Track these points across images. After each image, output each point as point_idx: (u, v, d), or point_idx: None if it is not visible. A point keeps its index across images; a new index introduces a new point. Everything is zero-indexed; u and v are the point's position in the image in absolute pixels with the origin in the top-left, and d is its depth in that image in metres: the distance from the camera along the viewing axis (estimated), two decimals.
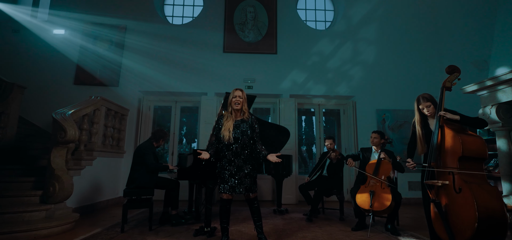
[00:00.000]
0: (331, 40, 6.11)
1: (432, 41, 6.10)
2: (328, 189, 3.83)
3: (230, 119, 2.55)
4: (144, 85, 5.65)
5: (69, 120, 3.37)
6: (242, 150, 2.51)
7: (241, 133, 2.51)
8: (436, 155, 2.22)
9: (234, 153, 2.49)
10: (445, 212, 2.09)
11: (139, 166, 3.27)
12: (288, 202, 5.20)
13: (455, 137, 2.15)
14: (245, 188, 2.46)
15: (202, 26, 5.99)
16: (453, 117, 2.23)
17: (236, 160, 2.49)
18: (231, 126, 2.51)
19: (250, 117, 2.61)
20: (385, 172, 3.16)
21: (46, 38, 5.72)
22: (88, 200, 4.08)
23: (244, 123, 2.55)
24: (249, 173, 2.49)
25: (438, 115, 2.26)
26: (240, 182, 2.46)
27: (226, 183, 2.46)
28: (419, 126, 2.44)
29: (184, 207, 4.29)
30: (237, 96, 2.54)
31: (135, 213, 3.97)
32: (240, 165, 2.49)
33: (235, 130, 2.51)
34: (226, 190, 2.45)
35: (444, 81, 2.43)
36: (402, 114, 5.75)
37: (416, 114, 2.48)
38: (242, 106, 2.55)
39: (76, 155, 4.01)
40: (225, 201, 2.50)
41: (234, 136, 2.48)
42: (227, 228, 2.54)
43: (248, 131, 2.54)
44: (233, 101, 2.54)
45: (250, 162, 2.53)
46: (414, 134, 2.58)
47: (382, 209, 2.94)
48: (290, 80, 5.89)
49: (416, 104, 2.48)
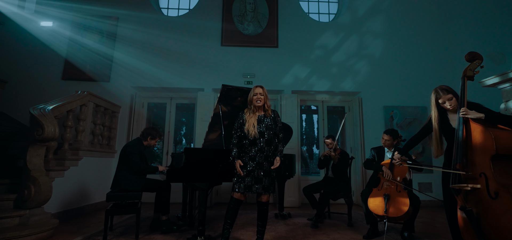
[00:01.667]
0: (336, 33, 5.77)
1: (443, 33, 5.76)
2: (335, 192, 3.49)
3: (252, 115, 2.47)
4: (137, 80, 5.31)
5: (49, 116, 3.03)
6: (267, 145, 2.42)
7: (266, 128, 2.44)
8: (462, 155, 1.88)
9: (260, 149, 2.40)
10: (478, 221, 1.75)
11: (124, 167, 2.93)
12: (291, 205, 4.86)
13: (485, 133, 1.81)
14: (263, 187, 2.36)
15: (199, 18, 5.66)
16: (477, 115, 1.88)
17: (259, 157, 2.39)
18: (255, 121, 2.44)
19: (274, 112, 2.56)
20: (401, 173, 2.82)
21: (32, 31, 5.38)
22: (72, 203, 3.74)
23: (268, 118, 2.49)
24: (269, 171, 2.40)
25: (459, 115, 1.93)
26: (258, 180, 2.35)
27: (241, 182, 2.34)
28: (437, 124, 2.09)
29: (178, 211, 3.96)
30: (258, 93, 2.47)
31: (124, 218, 3.63)
32: (261, 162, 2.39)
33: (259, 124, 2.44)
34: (241, 190, 2.33)
35: (465, 70, 2.08)
36: (412, 111, 5.41)
37: (434, 110, 2.13)
38: (264, 104, 2.49)
39: (60, 154, 3.68)
40: (235, 201, 2.37)
41: (259, 131, 2.41)
42: (229, 231, 2.40)
43: (273, 126, 2.48)
44: (255, 98, 2.47)
45: (271, 160, 2.43)
46: (426, 131, 2.25)
47: (398, 215, 2.60)
48: (292, 75, 5.55)
49: (433, 99, 2.13)
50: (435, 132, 2.08)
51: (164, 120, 5.59)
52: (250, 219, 3.69)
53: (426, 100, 5.43)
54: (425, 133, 2.25)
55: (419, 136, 2.29)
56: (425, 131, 2.24)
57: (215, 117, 3.04)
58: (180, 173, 2.57)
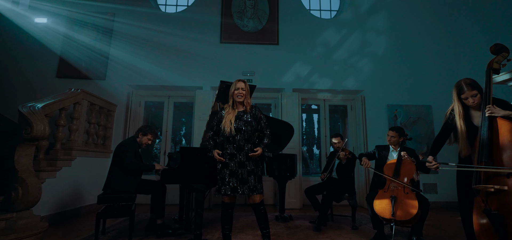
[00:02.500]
0: (338, 30, 5.63)
1: (448, 30, 5.61)
2: (339, 194, 3.34)
3: (231, 111, 2.36)
4: (133, 78, 5.17)
5: (38, 114, 2.88)
6: (245, 142, 2.28)
7: (244, 124, 2.30)
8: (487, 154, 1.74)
9: (237, 147, 2.26)
10: (503, 225, 1.61)
11: (118, 167, 2.78)
12: (292, 207, 4.72)
13: None
14: (249, 188, 2.21)
15: (198, 14, 5.51)
16: (505, 113, 1.75)
17: (239, 155, 2.26)
18: (233, 118, 2.32)
19: (254, 108, 2.42)
20: (408, 174, 2.68)
21: (27, 28, 5.24)
22: (65, 205, 3.59)
23: (247, 114, 2.36)
24: (252, 170, 2.25)
25: (485, 113, 1.79)
26: (243, 180, 2.22)
27: (226, 184, 2.22)
28: (462, 121, 1.95)
29: (175, 212, 3.82)
30: (239, 87, 2.36)
31: (118, 221, 3.49)
32: (243, 161, 2.25)
33: (237, 121, 2.31)
34: (227, 192, 2.20)
35: (490, 62, 1.95)
36: (416, 110, 5.26)
37: (457, 105, 1.98)
38: (244, 99, 2.37)
39: (51, 154, 3.54)
40: (227, 205, 2.27)
41: (236, 127, 2.28)
42: (229, 236, 2.31)
43: (252, 122, 2.34)
44: (236, 93, 2.36)
45: (254, 158, 2.27)
46: (448, 129, 2.11)
47: (407, 218, 2.45)
48: (293, 73, 5.41)
49: (456, 94, 1.99)
50: (462, 130, 1.92)
51: (162, 119, 5.44)
52: (249, 222, 3.55)
53: (431, 99, 5.32)
54: (448, 131, 2.09)
55: (442, 136, 2.12)
56: (447, 129, 2.08)
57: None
58: (175, 174, 2.43)
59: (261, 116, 2.40)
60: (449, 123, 2.09)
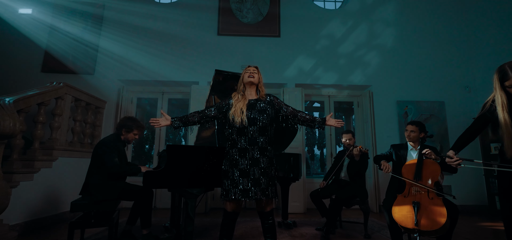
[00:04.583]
0: (343, 21, 5.27)
1: (461, 21, 5.25)
2: (349, 198, 2.98)
3: (241, 99, 1.94)
4: (125, 72, 4.81)
5: (8, 108, 2.51)
6: (259, 135, 1.87)
7: (258, 112, 1.89)
8: None
9: (250, 140, 1.84)
10: None
11: (97, 170, 2.41)
12: (295, 211, 4.35)
13: None
14: (261, 190, 1.79)
15: (194, 5, 5.15)
16: None
17: (251, 150, 1.84)
18: (244, 106, 1.90)
19: (268, 96, 2.02)
20: (432, 176, 2.31)
21: (10, 20, 4.89)
22: (42, 212, 3.23)
23: (261, 102, 1.95)
24: (266, 169, 1.84)
25: None
26: (255, 182, 1.80)
27: (236, 187, 1.79)
28: (507, 112, 1.59)
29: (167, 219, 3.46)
30: (250, 70, 2.01)
31: (101, 229, 3.12)
32: (256, 157, 1.84)
33: (250, 110, 1.89)
34: (238, 196, 1.77)
35: None
36: (428, 106, 4.90)
37: (500, 94, 1.62)
38: (258, 84, 2.00)
39: (29, 154, 3.17)
40: (230, 214, 1.86)
41: (248, 117, 1.86)
42: None
43: (267, 109, 1.92)
44: (246, 75, 1.99)
45: (268, 154, 1.88)
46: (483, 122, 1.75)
47: (434, 229, 2.08)
48: (295, 67, 5.05)
49: (498, 80, 1.63)
50: (505, 123, 1.56)
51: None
52: (250, 229, 3.19)
53: (444, 94, 4.95)
54: (482, 126, 1.74)
55: (472, 130, 1.77)
56: (482, 123, 1.73)
57: None
58: (160, 176, 2.07)
59: (279, 101, 2.03)
60: (487, 115, 1.73)
